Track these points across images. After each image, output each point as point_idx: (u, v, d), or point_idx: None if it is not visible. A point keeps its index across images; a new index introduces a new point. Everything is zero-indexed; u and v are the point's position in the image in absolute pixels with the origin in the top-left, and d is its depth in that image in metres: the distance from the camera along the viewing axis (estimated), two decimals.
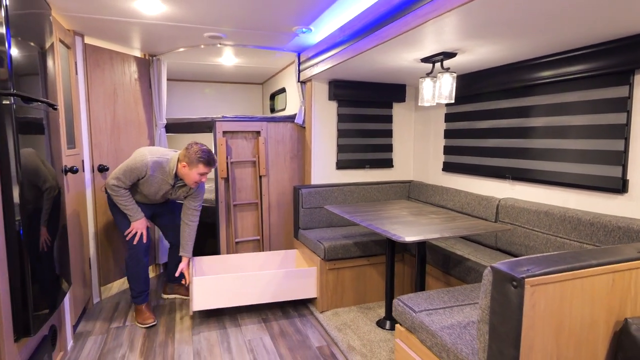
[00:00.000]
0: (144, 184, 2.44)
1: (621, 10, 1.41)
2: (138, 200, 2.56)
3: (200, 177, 2.42)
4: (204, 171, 2.40)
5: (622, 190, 1.81)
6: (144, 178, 2.41)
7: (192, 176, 2.40)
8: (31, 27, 1.70)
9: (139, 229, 2.49)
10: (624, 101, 1.78)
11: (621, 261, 1.17)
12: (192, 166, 2.38)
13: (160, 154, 2.43)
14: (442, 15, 1.49)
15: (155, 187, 2.47)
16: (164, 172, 2.44)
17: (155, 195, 2.52)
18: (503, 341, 1.09)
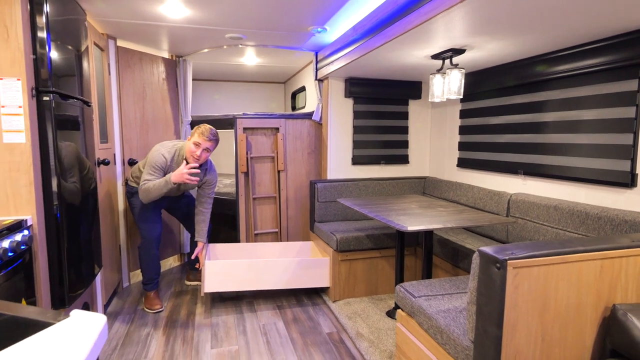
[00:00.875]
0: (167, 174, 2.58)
1: (628, 4, 1.42)
2: None
3: (195, 148, 2.42)
4: (198, 141, 2.42)
5: (631, 184, 1.80)
6: (168, 169, 2.51)
7: (191, 148, 2.43)
8: (68, 31, 1.89)
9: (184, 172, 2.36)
10: (633, 95, 1.77)
11: (610, 249, 1.20)
12: (191, 137, 2.48)
13: (171, 145, 2.56)
14: (448, 11, 1.51)
15: None
16: (178, 160, 2.53)
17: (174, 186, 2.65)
18: (487, 320, 1.16)
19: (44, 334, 0.63)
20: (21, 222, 1.54)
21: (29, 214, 1.61)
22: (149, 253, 2.67)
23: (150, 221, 2.66)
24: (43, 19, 1.63)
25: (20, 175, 1.59)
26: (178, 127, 3.55)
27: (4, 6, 1.52)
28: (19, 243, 1.45)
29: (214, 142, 2.50)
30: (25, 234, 1.52)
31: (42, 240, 1.68)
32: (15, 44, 1.54)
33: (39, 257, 1.63)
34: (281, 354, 2.15)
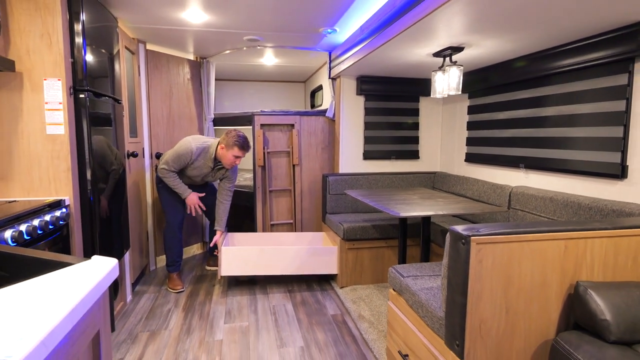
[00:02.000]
0: (189, 168, 2.83)
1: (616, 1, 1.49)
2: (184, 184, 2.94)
3: (234, 159, 2.74)
4: (238, 154, 2.71)
5: (622, 175, 1.84)
6: (189, 164, 2.78)
7: (228, 157, 2.73)
8: (101, 37, 2.15)
9: (193, 202, 2.85)
10: (624, 89, 1.82)
11: (573, 230, 1.29)
12: (228, 148, 2.71)
13: (202, 141, 2.82)
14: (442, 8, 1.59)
15: (198, 170, 2.83)
16: (205, 156, 2.79)
17: (197, 178, 2.91)
18: (455, 291, 1.28)
19: (68, 269, 0.83)
20: (60, 201, 1.80)
21: (66, 195, 1.87)
22: (172, 237, 2.92)
23: (175, 206, 2.90)
24: (80, 27, 1.88)
25: (60, 162, 1.85)
26: (202, 124, 3.81)
27: (48, 17, 1.78)
28: (58, 218, 1.71)
29: (247, 152, 2.80)
30: (63, 211, 1.78)
31: (78, 219, 1.94)
32: (56, 49, 1.80)
33: (74, 232, 1.89)
34: (287, 330, 2.33)
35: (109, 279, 0.82)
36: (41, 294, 0.69)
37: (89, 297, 0.71)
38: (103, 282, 0.79)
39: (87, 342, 0.77)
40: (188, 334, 2.30)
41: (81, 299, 0.68)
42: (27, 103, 1.81)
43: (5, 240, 1.35)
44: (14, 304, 0.66)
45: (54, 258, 0.92)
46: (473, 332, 1.26)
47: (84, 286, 0.73)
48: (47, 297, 0.68)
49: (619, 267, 1.35)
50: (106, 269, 0.83)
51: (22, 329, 0.57)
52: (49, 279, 0.77)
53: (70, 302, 0.66)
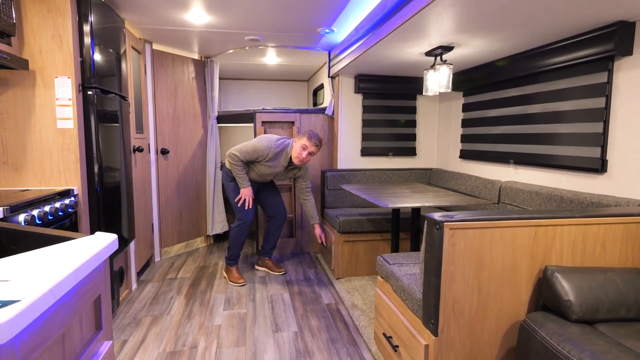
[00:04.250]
0: (262, 166, 2.82)
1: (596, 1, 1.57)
2: (251, 178, 2.92)
3: (301, 150, 2.72)
4: (306, 144, 2.71)
5: (602, 170, 1.92)
6: (263, 160, 2.78)
7: (296, 149, 2.74)
8: (109, 37, 2.28)
9: (247, 195, 2.84)
10: (603, 86, 1.89)
11: (542, 218, 1.38)
12: (299, 140, 2.76)
13: (282, 141, 2.84)
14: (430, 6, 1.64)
15: (271, 169, 2.84)
16: (281, 156, 2.81)
17: (269, 176, 2.91)
18: (430, 273, 1.38)
19: (73, 241, 0.95)
20: (69, 190, 1.93)
21: (75, 185, 2.01)
22: (242, 233, 2.94)
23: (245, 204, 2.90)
24: (88, 28, 2.01)
25: (69, 154, 1.98)
26: (206, 122, 3.94)
27: (59, 19, 1.92)
28: (67, 206, 1.84)
29: (319, 148, 2.79)
30: (72, 199, 1.91)
31: (85, 207, 2.07)
32: (67, 49, 1.93)
33: (82, 220, 2.02)
34: (282, 317, 2.44)
35: (109, 249, 0.93)
36: (49, 259, 0.81)
37: (91, 261, 0.83)
38: (104, 251, 0.90)
39: (90, 303, 0.88)
40: (189, 319, 2.42)
41: (84, 262, 0.80)
42: (39, 99, 1.95)
43: (18, 222, 1.48)
44: (27, 265, 0.77)
45: (60, 234, 1.04)
46: (446, 311, 1.36)
47: (86, 253, 0.84)
48: (54, 261, 0.80)
49: (587, 254, 1.43)
50: (106, 241, 0.94)
51: (34, 281, 0.68)
52: (57, 248, 0.89)
53: (74, 263, 0.77)
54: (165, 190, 3.53)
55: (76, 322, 0.83)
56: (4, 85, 1.92)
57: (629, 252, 1.46)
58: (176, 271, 3.25)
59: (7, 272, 0.73)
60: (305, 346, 2.10)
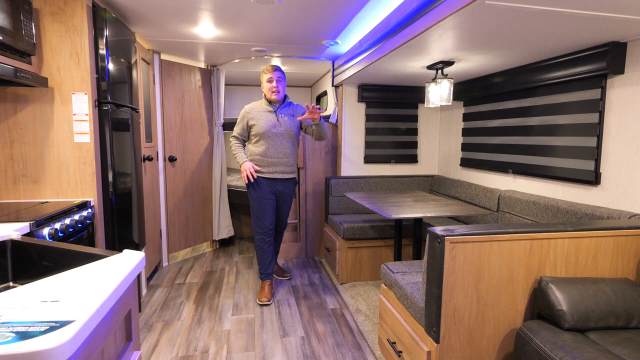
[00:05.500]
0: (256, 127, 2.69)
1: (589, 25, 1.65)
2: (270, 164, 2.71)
3: (269, 83, 2.67)
4: (268, 76, 2.68)
5: (595, 182, 2.00)
6: (251, 119, 2.70)
7: (266, 85, 2.69)
8: (122, 53, 2.37)
9: (246, 169, 2.67)
10: (597, 102, 1.98)
11: (537, 231, 1.46)
12: (262, 82, 2.73)
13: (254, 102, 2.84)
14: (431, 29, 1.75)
15: (264, 122, 2.68)
16: (259, 105, 2.75)
17: (268, 132, 2.68)
18: (432, 284, 1.46)
19: (106, 260, 1.04)
20: (86, 202, 2.02)
21: (91, 197, 2.10)
22: (263, 244, 2.82)
23: (264, 210, 2.77)
24: (104, 46, 2.10)
25: (86, 167, 2.07)
26: (212, 129, 4.03)
27: (76, 38, 2.01)
28: (85, 217, 1.93)
29: (279, 71, 2.69)
30: (89, 211, 2.00)
31: (101, 218, 2.16)
32: (84, 66, 2.02)
33: (98, 230, 2.11)
34: (289, 322, 2.53)
35: (138, 268, 1.02)
36: (89, 278, 0.90)
37: (125, 280, 0.92)
38: (134, 270, 0.99)
39: (122, 317, 0.97)
40: (199, 324, 2.51)
41: (121, 282, 0.88)
42: (57, 114, 2.04)
43: (43, 236, 1.57)
44: (69, 285, 0.86)
45: (91, 251, 1.13)
46: (447, 319, 1.44)
47: (121, 272, 0.93)
48: (93, 280, 0.88)
49: (580, 265, 1.52)
50: (136, 260, 1.03)
51: (82, 301, 0.77)
52: (93, 267, 0.98)
53: (112, 283, 0.86)
54: (172, 196, 3.62)
55: (112, 336, 0.91)
56: (24, 102, 2.01)
57: (619, 263, 1.54)
58: (184, 276, 3.34)
59: (53, 292, 0.82)
60: (312, 351, 2.19)
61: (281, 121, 2.73)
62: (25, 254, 1.25)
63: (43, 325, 0.67)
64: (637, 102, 1.82)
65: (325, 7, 2.25)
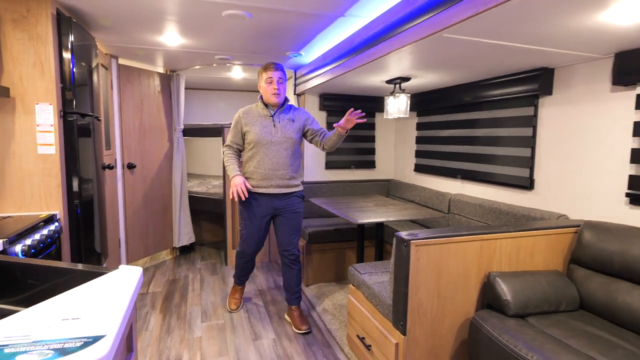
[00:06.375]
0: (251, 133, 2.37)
1: (525, 54, 1.92)
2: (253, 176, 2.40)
3: (269, 85, 2.35)
4: (268, 76, 2.36)
5: (530, 187, 2.32)
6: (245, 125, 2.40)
7: (265, 86, 2.37)
8: (86, 60, 2.33)
9: (235, 185, 2.32)
10: (532, 118, 2.29)
11: (486, 233, 1.70)
12: (260, 81, 2.41)
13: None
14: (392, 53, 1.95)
15: (259, 127, 2.37)
16: (254, 108, 2.45)
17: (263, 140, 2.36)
18: (399, 282, 1.64)
19: (104, 278, 1.09)
20: (53, 216, 1.97)
21: (57, 209, 2.05)
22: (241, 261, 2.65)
23: (247, 236, 2.52)
24: (69, 55, 2.06)
25: (51, 179, 2.02)
26: (172, 134, 3.98)
27: (40, 47, 1.95)
28: (53, 232, 1.89)
29: (281, 71, 2.39)
30: (57, 225, 1.96)
31: (66, 231, 2.11)
32: (48, 76, 1.98)
33: (64, 244, 2.06)
34: (260, 325, 2.61)
35: (139, 283, 1.09)
36: (99, 295, 0.96)
37: (134, 296, 0.98)
38: (138, 285, 1.06)
39: (127, 331, 1.03)
40: (168, 333, 2.52)
41: (131, 298, 0.95)
42: (19, 125, 1.97)
43: (15, 253, 1.54)
44: (84, 302, 0.92)
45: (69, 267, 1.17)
46: (413, 314, 1.63)
47: (127, 288, 1.00)
48: (105, 297, 0.94)
49: (520, 260, 1.78)
50: (136, 275, 1.09)
51: (103, 317, 0.84)
52: (98, 284, 1.03)
53: (125, 299, 0.93)
54: (131, 204, 3.54)
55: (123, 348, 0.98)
56: None
57: (550, 258, 1.83)
58: (146, 286, 3.29)
59: (69, 310, 0.88)
60: (284, 351, 2.30)
61: (278, 127, 2.39)
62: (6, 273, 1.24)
63: (77, 341, 0.74)
64: (562, 119, 2.14)
65: (294, 25, 2.37)
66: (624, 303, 1.55)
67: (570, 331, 1.49)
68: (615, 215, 1.87)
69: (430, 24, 1.58)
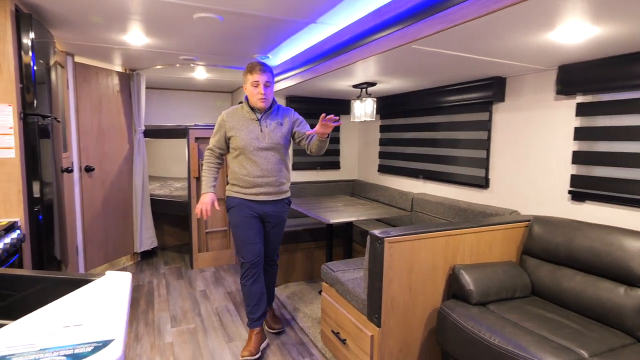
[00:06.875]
0: (237, 138, 2.21)
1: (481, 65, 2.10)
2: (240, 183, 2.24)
3: (255, 88, 2.17)
4: (254, 79, 2.16)
5: (486, 185, 2.53)
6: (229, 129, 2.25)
7: (250, 90, 2.19)
8: (45, 59, 2.22)
9: (205, 203, 2.20)
10: (486, 123, 2.50)
11: (451, 229, 1.85)
12: (246, 83, 2.22)
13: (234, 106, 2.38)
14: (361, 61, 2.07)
15: (245, 132, 2.21)
16: (240, 110, 2.28)
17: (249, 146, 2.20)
18: (374, 278, 1.75)
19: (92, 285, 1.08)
20: (14, 223, 1.87)
21: (18, 217, 1.94)
22: (243, 284, 2.30)
23: (244, 242, 2.26)
24: (29, 54, 1.96)
25: (11, 185, 1.91)
26: (132, 136, 3.84)
27: None
28: (17, 240, 1.79)
29: (268, 72, 2.20)
30: (19, 232, 1.86)
31: (28, 238, 2.01)
32: (7, 76, 1.87)
33: (25, 252, 1.96)
34: (232, 328, 2.62)
35: (131, 288, 1.09)
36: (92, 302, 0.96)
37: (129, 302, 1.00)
38: (131, 290, 1.06)
39: None
40: (137, 340, 2.46)
41: (128, 303, 0.97)
42: None
43: None
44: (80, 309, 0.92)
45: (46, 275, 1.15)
46: (387, 307, 1.74)
47: (123, 294, 1.00)
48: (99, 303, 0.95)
49: (481, 253, 1.95)
50: (127, 281, 1.10)
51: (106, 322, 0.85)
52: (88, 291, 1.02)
53: (122, 304, 0.94)
54: (90, 209, 3.39)
55: None
56: None
57: (505, 250, 2.02)
58: None
59: (68, 317, 0.88)
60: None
61: (265, 132, 2.22)
62: None
63: (86, 346, 0.75)
64: (513, 124, 2.36)
65: (265, 29, 2.41)
66: (569, 288, 1.76)
67: (525, 315, 1.67)
68: (559, 210, 2.10)
69: (400, 35, 1.69)
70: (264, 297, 2.33)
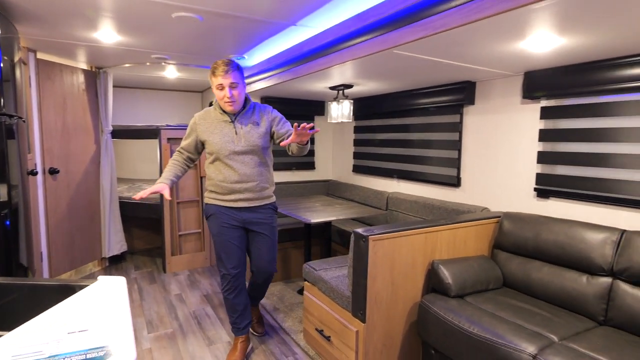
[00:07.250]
0: (208, 142, 2.09)
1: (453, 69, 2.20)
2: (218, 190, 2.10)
3: (220, 91, 2.00)
4: (217, 82, 1.98)
5: (458, 184, 2.66)
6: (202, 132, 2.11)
7: (216, 93, 2.02)
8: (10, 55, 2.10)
9: (152, 188, 2.00)
10: (457, 124, 2.63)
11: (429, 226, 1.94)
12: (211, 84, 2.04)
13: None
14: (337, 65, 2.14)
15: (219, 136, 2.06)
16: (212, 114, 2.14)
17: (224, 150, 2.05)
18: (358, 275, 1.80)
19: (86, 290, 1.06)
20: None
21: None
22: (224, 297, 2.18)
23: (223, 252, 2.12)
24: None
25: None
26: (98, 136, 3.69)
27: None
28: None
29: (235, 71, 2.00)
30: None
31: None
32: None
33: None
34: (212, 330, 2.59)
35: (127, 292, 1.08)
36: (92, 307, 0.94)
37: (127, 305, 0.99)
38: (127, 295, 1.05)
39: None
40: None
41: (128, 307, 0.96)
42: None
43: None
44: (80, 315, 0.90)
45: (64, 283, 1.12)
46: (371, 302, 1.80)
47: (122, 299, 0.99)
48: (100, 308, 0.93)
49: (457, 248, 2.06)
50: (122, 285, 1.08)
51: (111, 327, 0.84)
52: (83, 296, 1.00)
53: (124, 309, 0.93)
54: (54, 213, 3.22)
55: None
56: None
57: (479, 245, 2.15)
58: None
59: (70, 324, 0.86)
60: None
61: (241, 134, 2.07)
62: None
63: (98, 351, 0.75)
64: (482, 126, 2.51)
65: (244, 30, 2.40)
66: (537, 278, 1.90)
67: (499, 305, 1.79)
68: (526, 206, 2.25)
69: (382, 40, 1.76)
70: (249, 308, 2.25)
